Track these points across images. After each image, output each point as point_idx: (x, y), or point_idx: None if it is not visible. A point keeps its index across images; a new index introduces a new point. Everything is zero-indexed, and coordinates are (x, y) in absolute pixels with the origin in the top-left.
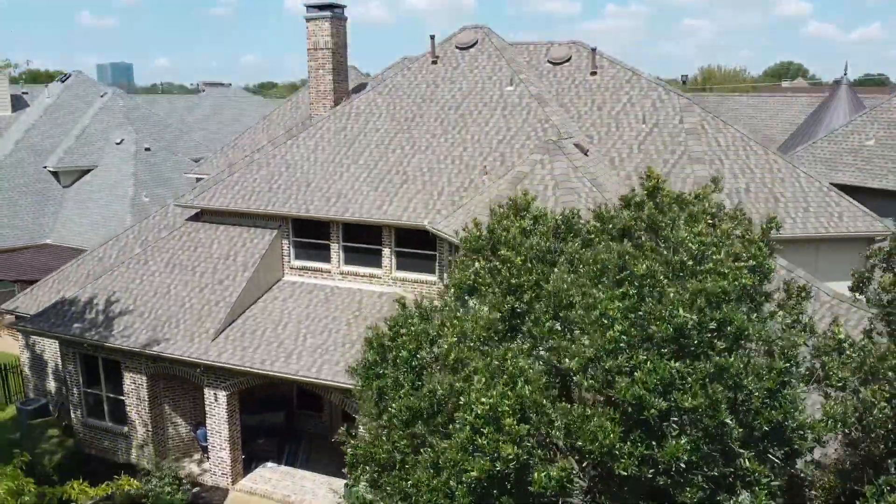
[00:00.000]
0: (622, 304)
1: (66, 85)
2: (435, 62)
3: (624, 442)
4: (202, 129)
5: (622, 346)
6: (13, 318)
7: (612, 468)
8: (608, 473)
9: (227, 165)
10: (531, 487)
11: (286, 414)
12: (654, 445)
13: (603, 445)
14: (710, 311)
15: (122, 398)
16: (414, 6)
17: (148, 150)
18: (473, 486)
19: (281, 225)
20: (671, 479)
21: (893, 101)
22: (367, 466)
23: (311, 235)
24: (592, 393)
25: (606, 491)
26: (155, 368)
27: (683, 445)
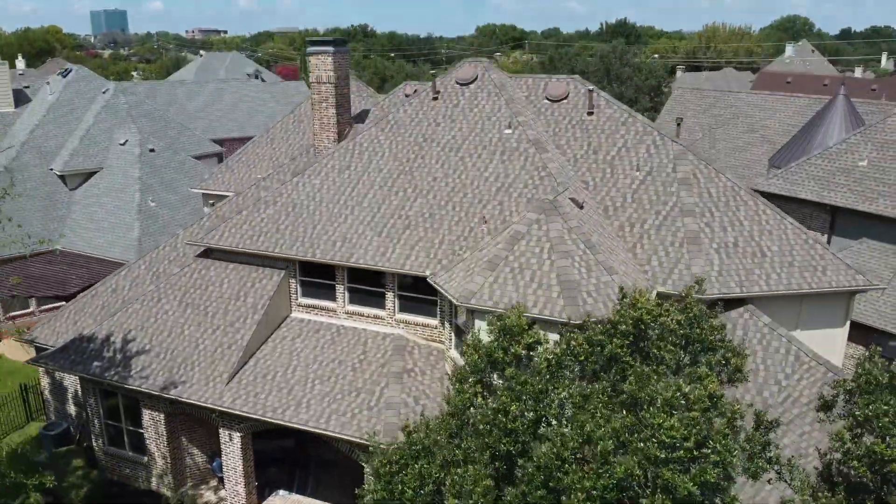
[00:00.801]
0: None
1: (67, 81)
2: (436, 98)
3: None
4: (203, 117)
5: None
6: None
7: None
8: None
9: (232, 181)
10: None
11: (296, 440)
12: None
13: None
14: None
15: (141, 431)
16: None
17: (152, 150)
18: None
19: (288, 266)
20: None
21: (888, 121)
22: None
23: (317, 276)
24: None
25: None
26: (172, 408)
27: None
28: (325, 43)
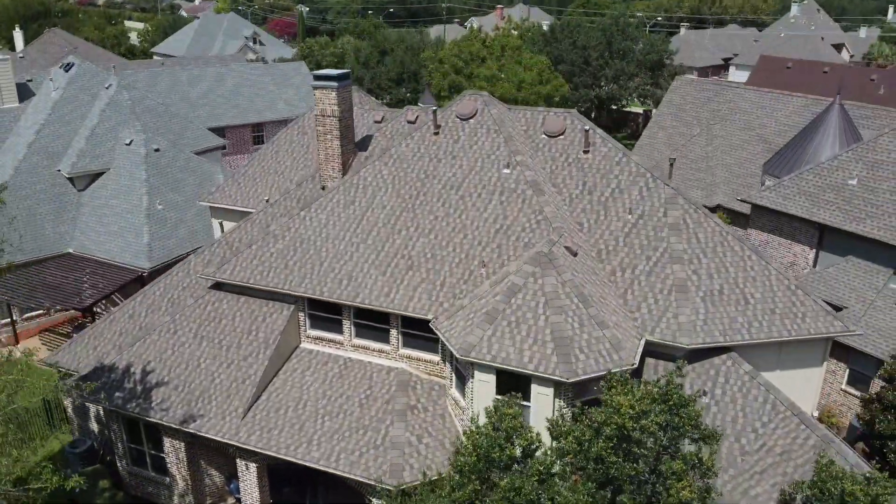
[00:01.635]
0: None
1: (70, 77)
2: (437, 133)
3: None
4: (205, 104)
5: None
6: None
7: None
8: None
9: (238, 196)
10: None
11: None
12: None
13: None
14: None
15: (162, 455)
16: None
17: (157, 150)
18: None
19: (297, 300)
20: None
21: (880, 140)
22: None
23: (325, 310)
24: None
25: None
26: (192, 438)
27: None
28: (329, 78)
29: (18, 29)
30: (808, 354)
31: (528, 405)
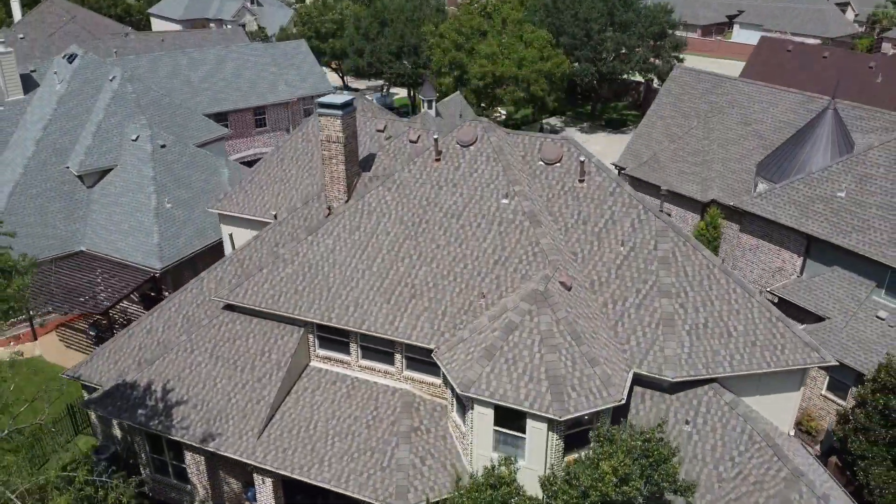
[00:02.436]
0: None
1: (74, 69)
2: (438, 159)
3: None
4: (207, 88)
5: None
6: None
7: None
8: None
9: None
10: None
11: None
12: None
13: None
14: None
15: (184, 466)
16: None
17: (163, 147)
18: None
19: (307, 324)
20: None
21: (869, 153)
22: None
23: (333, 333)
24: None
25: None
26: (211, 453)
27: None
28: (334, 106)
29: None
30: (786, 381)
31: (523, 437)
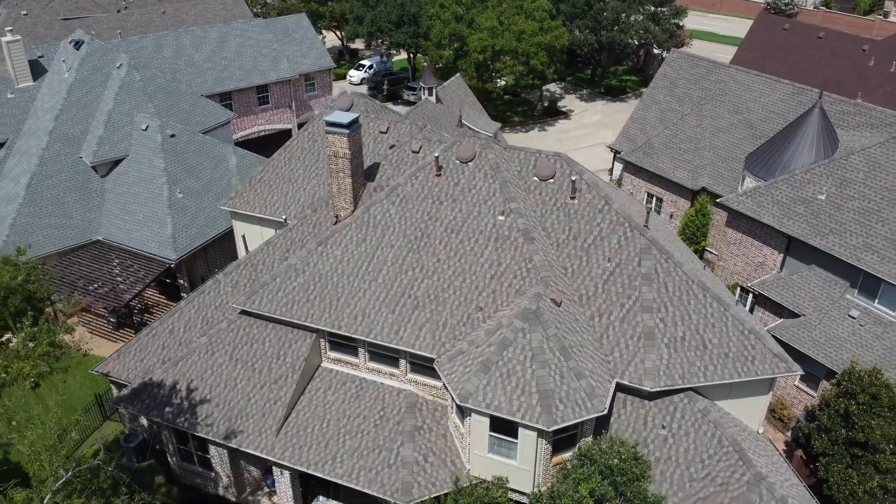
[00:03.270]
0: None
1: (81, 57)
2: (439, 174)
3: None
4: (211, 67)
5: None
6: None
7: None
8: None
9: (256, 202)
10: None
11: None
12: None
13: None
14: None
15: (208, 456)
16: None
17: (173, 136)
18: None
19: (318, 330)
20: None
21: (850, 158)
22: None
23: (342, 338)
24: None
25: None
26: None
27: None
28: (341, 125)
29: None
30: (755, 387)
31: (515, 441)
